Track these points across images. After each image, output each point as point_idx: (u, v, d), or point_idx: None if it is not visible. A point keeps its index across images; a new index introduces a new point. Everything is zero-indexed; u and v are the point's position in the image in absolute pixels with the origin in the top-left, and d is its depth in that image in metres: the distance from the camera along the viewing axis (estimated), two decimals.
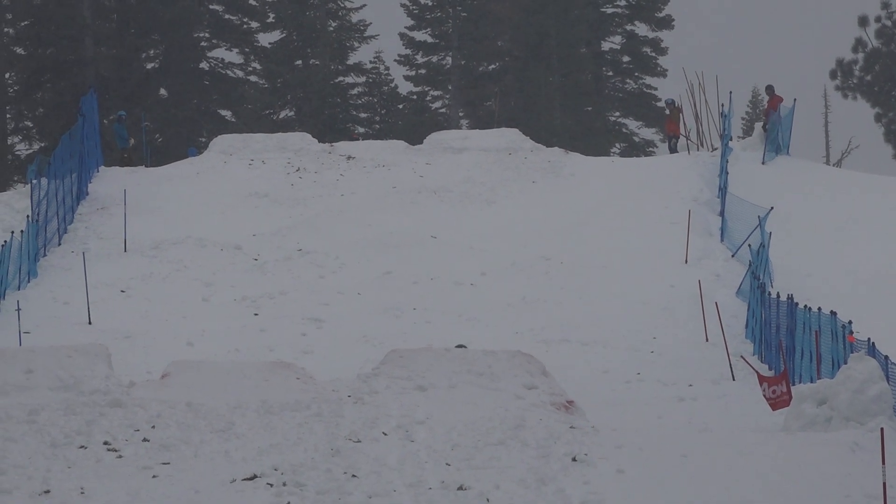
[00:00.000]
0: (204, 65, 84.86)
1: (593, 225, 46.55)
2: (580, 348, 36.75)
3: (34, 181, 46.30)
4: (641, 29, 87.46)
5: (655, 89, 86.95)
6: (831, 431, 25.97)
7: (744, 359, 34.84)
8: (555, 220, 47.03)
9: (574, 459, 24.09)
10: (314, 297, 40.86)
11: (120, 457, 24.64)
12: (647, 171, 52.60)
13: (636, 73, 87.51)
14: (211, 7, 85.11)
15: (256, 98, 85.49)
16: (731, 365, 34.83)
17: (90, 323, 38.65)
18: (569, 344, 37.09)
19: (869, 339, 29.04)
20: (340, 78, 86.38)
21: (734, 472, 23.71)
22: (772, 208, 43.36)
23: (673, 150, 58.85)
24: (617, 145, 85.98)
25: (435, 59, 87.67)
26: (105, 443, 25.15)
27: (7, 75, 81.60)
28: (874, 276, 41.85)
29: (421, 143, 56.94)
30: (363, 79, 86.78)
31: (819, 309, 32.13)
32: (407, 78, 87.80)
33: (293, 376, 29.15)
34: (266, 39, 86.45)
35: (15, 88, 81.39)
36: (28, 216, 44.41)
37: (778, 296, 35.44)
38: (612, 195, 49.32)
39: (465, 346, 32.44)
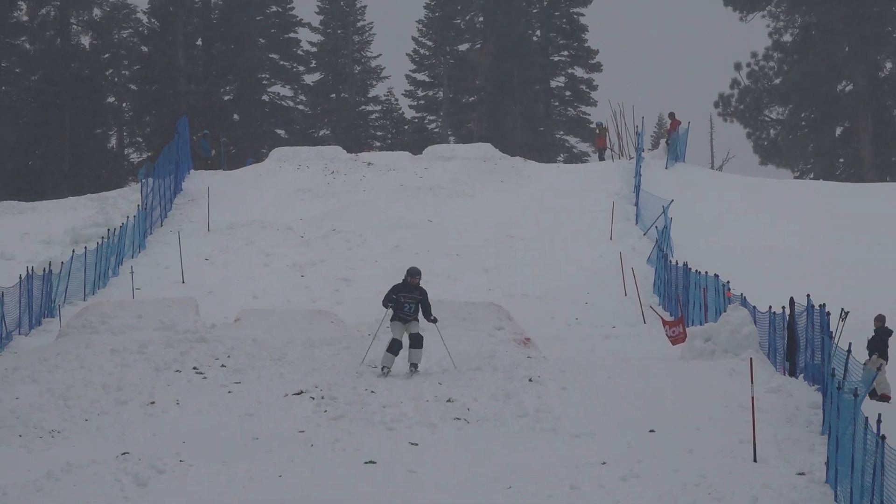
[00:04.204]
0: (265, 97, 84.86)
1: (545, 212, 46.48)
2: (535, 300, 36.71)
3: (143, 180, 46.25)
4: (579, 72, 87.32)
5: (589, 115, 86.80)
6: (715, 360, 25.96)
7: (652, 308, 34.87)
8: (517, 208, 46.97)
9: (530, 380, 24.07)
10: (344, 264, 40.81)
11: (205, 378, 24.61)
12: (583, 174, 52.53)
13: (575, 104, 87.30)
14: (270, 56, 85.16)
15: (302, 121, 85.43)
16: (643, 313, 34.81)
17: (183, 282, 38.59)
18: (527, 297, 37.05)
19: (741, 294, 29.08)
20: (363, 107, 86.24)
21: (645, 388, 23.70)
22: (672, 200, 43.29)
23: (601, 159, 58.79)
24: (561, 155, 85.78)
25: (430, 93, 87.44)
26: (194, 368, 25.12)
27: (124, 104, 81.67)
28: (745, 249, 41.83)
29: (421, 153, 56.81)
30: (379, 108, 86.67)
31: (706, 272, 32.15)
32: (410, 107, 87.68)
33: (329, 320, 29.12)
34: (310, 79, 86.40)
35: (129, 114, 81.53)
36: (139, 206, 44.38)
37: (676, 263, 35.44)
38: (558, 191, 49.25)
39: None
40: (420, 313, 24.77)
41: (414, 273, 24.79)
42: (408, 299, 24.60)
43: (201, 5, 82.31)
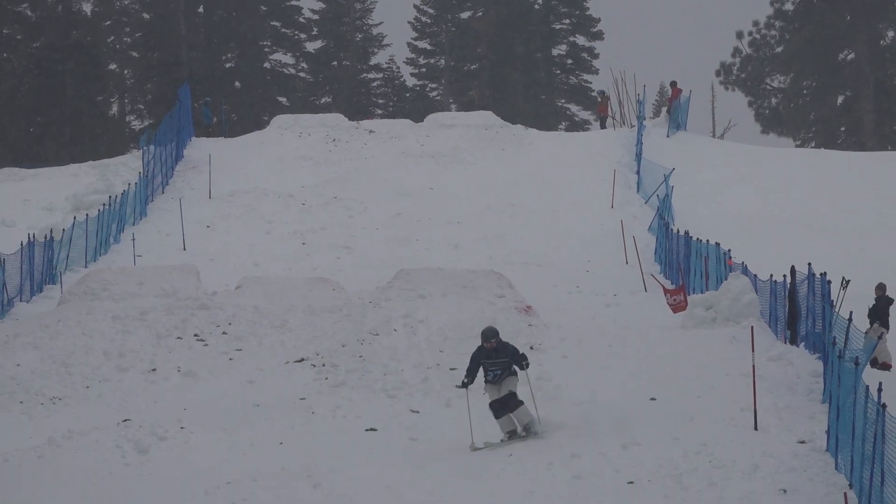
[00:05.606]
0: (266, 64, 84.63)
1: (546, 180, 46.35)
2: (536, 268, 36.63)
3: (145, 148, 46.12)
4: (581, 40, 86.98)
5: (590, 83, 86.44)
6: (716, 328, 25.93)
7: (653, 276, 34.79)
8: (518, 176, 46.84)
9: (531, 348, 24.03)
10: (345, 231, 40.74)
11: (206, 345, 24.58)
12: (584, 143, 52.38)
13: (576, 72, 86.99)
14: (272, 23, 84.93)
15: (304, 88, 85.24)
16: (643, 281, 34.74)
17: (185, 249, 38.53)
18: (528, 265, 36.98)
19: (742, 262, 29.02)
20: (364, 74, 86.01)
21: (646, 356, 23.67)
22: (673, 169, 43.18)
23: (603, 127, 58.62)
24: (563, 123, 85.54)
25: (432, 61, 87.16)
26: (195, 335, 25.08)
27: (126, 71, 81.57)
28: (746, 217, 41.77)
29: (422, 121, 56.64)
30: (381, 75, 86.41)
31: (707, 240, 32.08)
32: (412, 74, 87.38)
33: (330, 288, 29.05)
34: (311, 46, 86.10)
35: (131, 81, 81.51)
36: (140, 173, 44.26)
37: (678, 231, 35.35)
38: (559, 159, 49.12)
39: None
40: (514, 366, 20.38)
41: (488, 336, 20.19)
42: (491, 367, 20.25)
43: None
